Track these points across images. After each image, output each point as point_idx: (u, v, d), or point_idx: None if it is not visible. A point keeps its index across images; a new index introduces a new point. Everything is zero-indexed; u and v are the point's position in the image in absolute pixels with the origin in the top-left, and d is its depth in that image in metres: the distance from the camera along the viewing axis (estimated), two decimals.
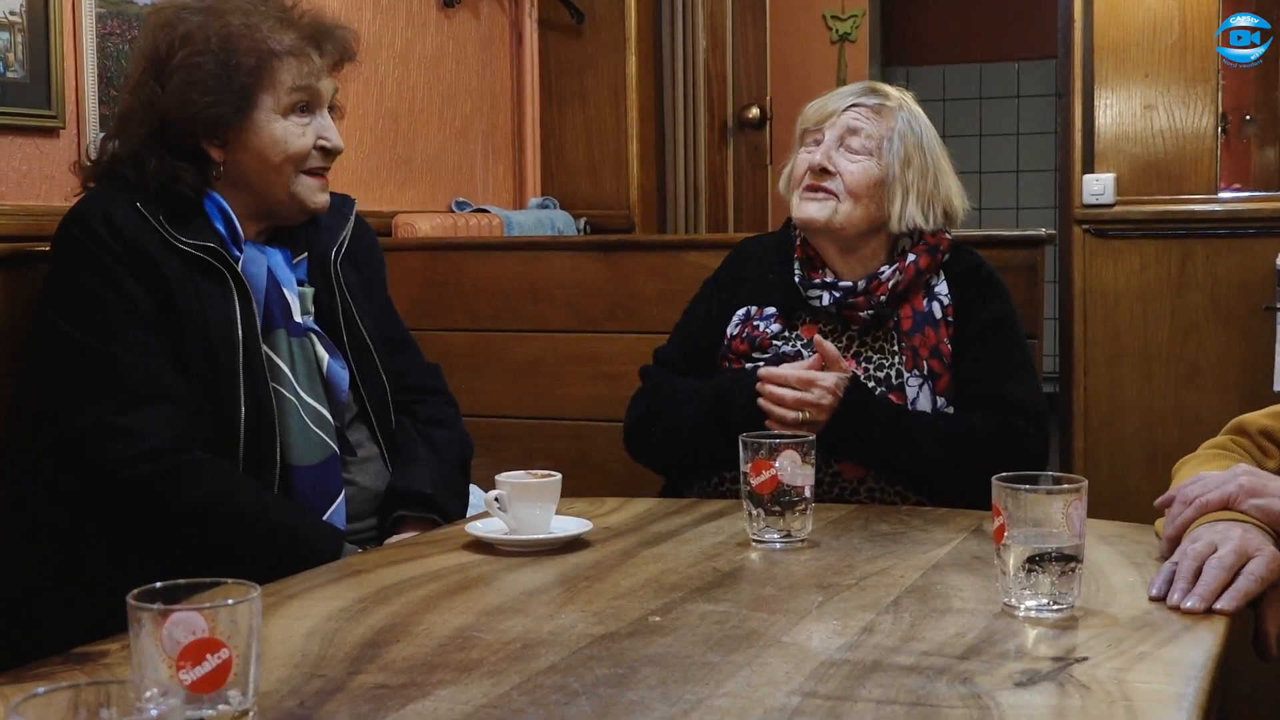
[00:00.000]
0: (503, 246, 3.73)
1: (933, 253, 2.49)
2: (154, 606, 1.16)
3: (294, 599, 1.69)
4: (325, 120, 2.28)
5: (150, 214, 2.15)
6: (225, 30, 2.18)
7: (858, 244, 2.50)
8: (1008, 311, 2.52)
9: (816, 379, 2.31)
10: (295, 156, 2.23)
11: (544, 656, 1.44)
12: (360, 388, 2.32)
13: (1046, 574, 1.56)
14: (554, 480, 2.00)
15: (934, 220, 2.50)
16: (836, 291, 2.47)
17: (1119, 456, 4.11)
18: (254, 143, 2.21)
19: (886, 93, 2.55)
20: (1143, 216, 4.13)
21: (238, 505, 2.08)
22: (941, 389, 2.42)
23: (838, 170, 2.47)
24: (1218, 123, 4.12)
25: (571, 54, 4.54)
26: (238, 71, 2.18)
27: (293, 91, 2.22)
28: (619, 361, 2.76)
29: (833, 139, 2.50)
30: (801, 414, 2.29)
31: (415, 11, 3.96)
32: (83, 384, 2.08)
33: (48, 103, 2.68)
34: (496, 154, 4.40)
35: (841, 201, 2.46)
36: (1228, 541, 1.62)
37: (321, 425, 2.22)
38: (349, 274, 2.38)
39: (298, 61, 2.23)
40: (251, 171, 2.23)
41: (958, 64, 8.12)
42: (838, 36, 7.09)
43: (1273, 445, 1.94)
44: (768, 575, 1.83)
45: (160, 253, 2.13)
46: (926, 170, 2.50)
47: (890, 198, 2.47)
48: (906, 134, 2.50)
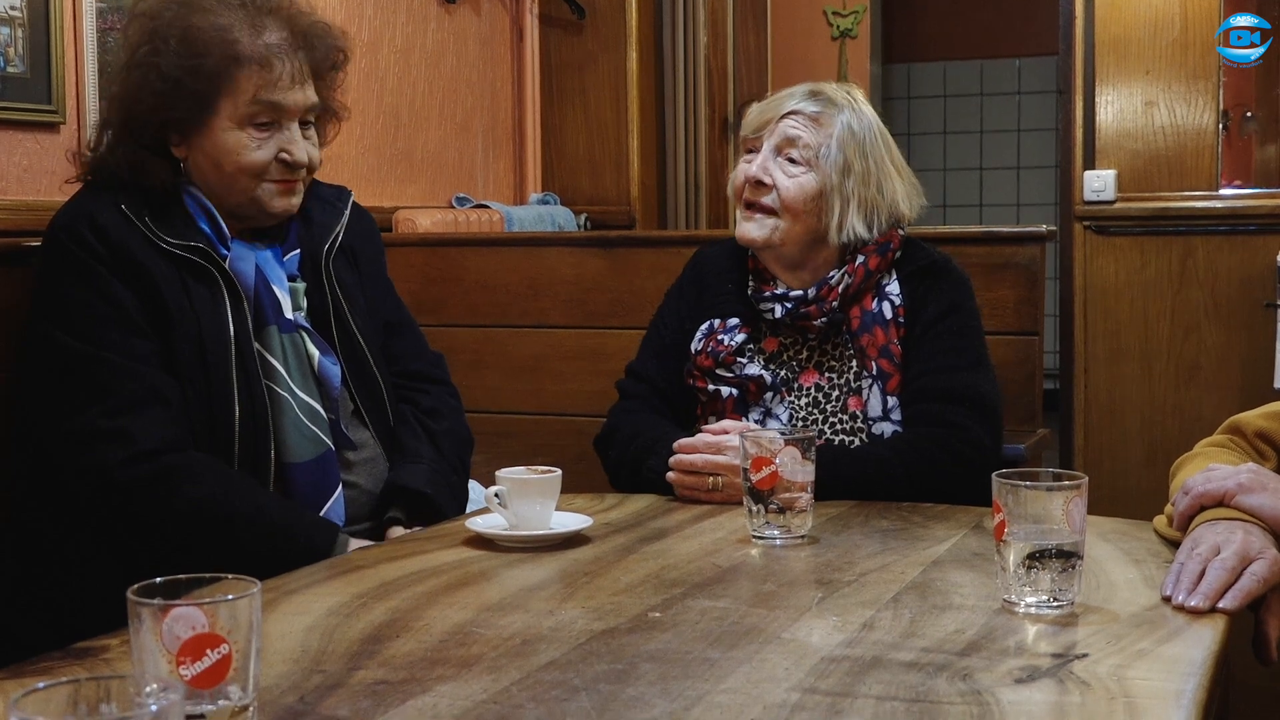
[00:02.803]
0: (503, 242, 3.73)
1: (882, 252, 2.44)
2: (154, 602, 1.16)
3: (294, 594, 1.69)
4: (290, 134, 2.20)
5: (135, 215, 2.12)
6: (190, 31, 2.13)
7: (804, 258, 2.46)
8: (959, 304, 2.45)
9: (725, 443, 2.23)
10: (249, 168, 2.17)
11: (544, 652, 1.44)
12: (351, 386, 2.31)
13: (1046, 571, 1.56)
14: (554, 476, 2.00)
15: (878, 228, 2.43)
16: (788, 303, 2.44)
17: (1119, 453, 4.12)
18: (209, 147, 2.17)
19: (828, 97, 2.46)
20: (1143, 213, 4.14)
21: (233, 503, 2.07)
22: (891, 389, 2.39)
23: (774, 183, 2.42)
24: (1219, 119, 4.12)
25: (572, 50, 4.54)
26: (195, 75, 2.12)
27: (252, 104, 2.15)
28: (620, 357, 2.75)
29: (769, 149, 2.44)
30: (715, 479, 2.23)
31: (416, 7, 3.96)
32: (74, 390, 2.07)
33: (48, 98, 2.68)
34: (497, 150, 4.40)
35: (780, 219, 2.41)
36: (1230, 544, 1.63)
37: (315, 421, 2.21)
38: (344, 268, 2.36)
39: (262, 71, 2.15)
40: (208, 174, 2.19)
41: (959, 60, 8.13)
42: (839, 33, 7.09)
43: (1269, 447, 1.95)
44: (768, 571, 1.83)
45: (147, 255, 2.11)
46: (869, 176, 2.43)
47: (829, 209, 2.41)
48: (847, 140, 2.42)
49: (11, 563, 2.16)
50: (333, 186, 2.41)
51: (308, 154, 2.22)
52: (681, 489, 2.27)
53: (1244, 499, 1.72)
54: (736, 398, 2.42)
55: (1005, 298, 3.04)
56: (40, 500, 2.14)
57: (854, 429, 2.40)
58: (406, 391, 2.43)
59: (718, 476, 2.23)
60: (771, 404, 2.42)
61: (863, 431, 2.39)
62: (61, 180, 2.65)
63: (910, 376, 2.39)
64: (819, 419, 2.41)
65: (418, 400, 2.43)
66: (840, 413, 2.41)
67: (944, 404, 2.35)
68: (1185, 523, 1.77)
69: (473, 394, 3.04)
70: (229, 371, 2.13)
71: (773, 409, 2.42)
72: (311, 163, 2.24)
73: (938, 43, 8.11)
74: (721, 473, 2.22)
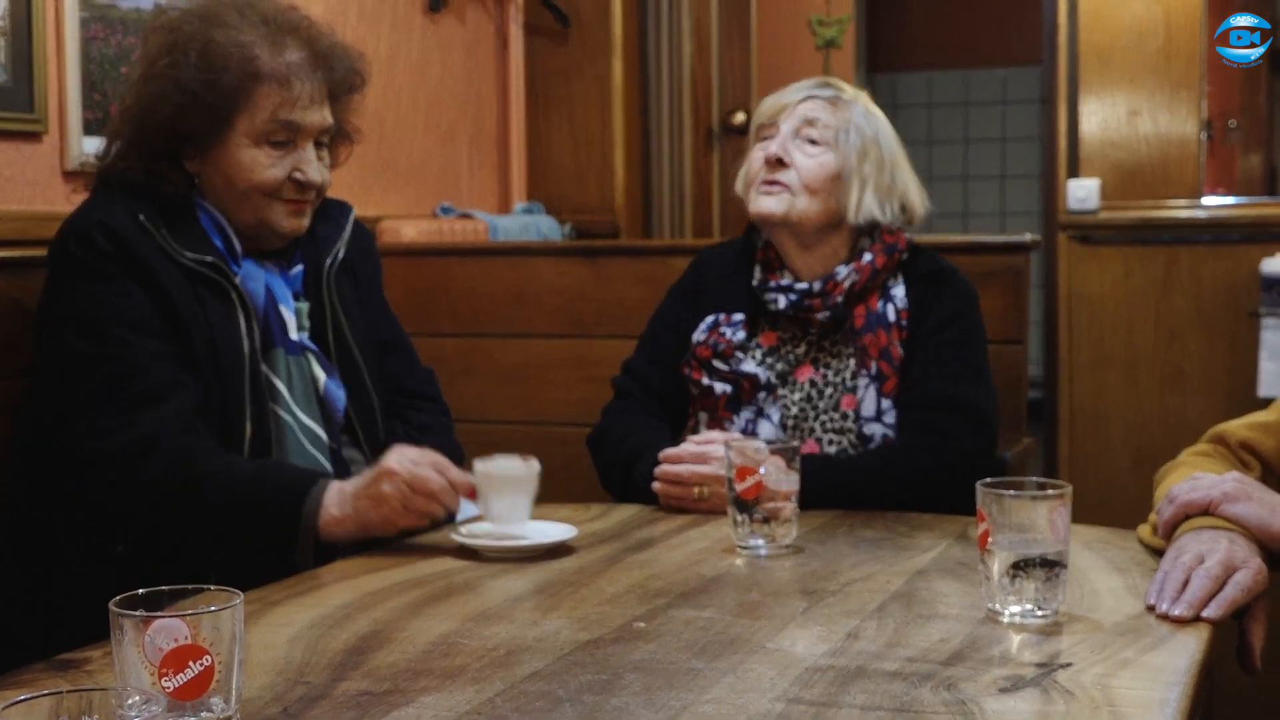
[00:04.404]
0: (488, 252, 3.73)
1: (889, 252, 2.46)
2: (136, 613, 1.16)
3: (277, 605, 1.69)
4: (305, 154, 2.18)
5: (151, 224, 2.09)
6: (210, 46, 2.11)
7: (816, 240, 2.48)
8: (964, 314, 2.47)
9: (710, 453, 2.23)
10: (262, 186, 2.15)
11: (528, 663, 1.44)
12: (347, 403, 2.29)
13: (1031, 580, 1.56)
14: (532, 469, 1.99)
15: (891, 213, 2.47)
16: (793, 294, 2.45)
17: (1104, 461, 4.13)
18: (223, 164, 2.15)
19: (841, 86, 2.53)
20: (1127, 222, 4.15)
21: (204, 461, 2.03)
22: (888, 391, 2.40)
23: (793, 163, 2.45)
24: (1202, 128, 4.13)
25: (557, 59, 4.54)
26: (213, 90, 2.10)
27: (270, 122, 2.13)
28: (605, 366, 2.76)
29: (789, 130, 2.47)
30: (700, 489, 2.24)
31: (400, 16, 3.96)
32: (90, 389, 2.03)
33: (30, 107, 2.67)
34: (482, 159, 4.40)
35: (797, 196, 2.44)
36: (1214, 553, 1.63)
37: (317, 446, 2.18)
38: (345, 284, 2.34)
39: (281, 90, 2.13)
40: (221, 190, 2.17)
41: (943, 70, 8.14)
42: (823, 42, 7.10)
43: (1253, 457, 1.95)
44: (752, 581, 1.83)
45: (160, 263, 2.08)
46: (883, 164, 2.47)
47: (846, 189, 2.44)
48: (863, 127, 2.47)
49: (8, 568, 2.14)
50: (335, 201, 2.39)
51: (320, 175, 2.21)
52: (667, 498, 2.27)
53: (1229, 508, 1.72)
54: (730, 395, 2.43)
55: (990, 307, 3.03)
56: (39, 508, 2.12)
57: (844, 428, 2.40)
58: (400, 409, 2.42)
59: (703, 486, 2.23)
60: (764, 404, 2.42)
61: (852, 432, 2.40)
62: (44, 190, 2.65)
63: (909, 382, 2.40)
64: (810, 416, 2.41)
65: (410, 418, 2.42)
66: (832, 410, 2.41)
67: (940, 412, 2.36)
68: (1170, 531, 1.77)
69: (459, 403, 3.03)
70: (242, 391, 2.10)
71: (765, 409, 2.42)
72: (323, 184, 2.23)
73: (922, 52, 8.12)
74: (707, 482, 2.23)
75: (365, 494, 2.00)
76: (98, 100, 2.77)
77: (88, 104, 2.76)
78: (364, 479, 2.02)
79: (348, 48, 2.28)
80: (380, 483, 1.98)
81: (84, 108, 2.76)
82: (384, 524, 2.00)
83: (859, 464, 2.33)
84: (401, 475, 1.97)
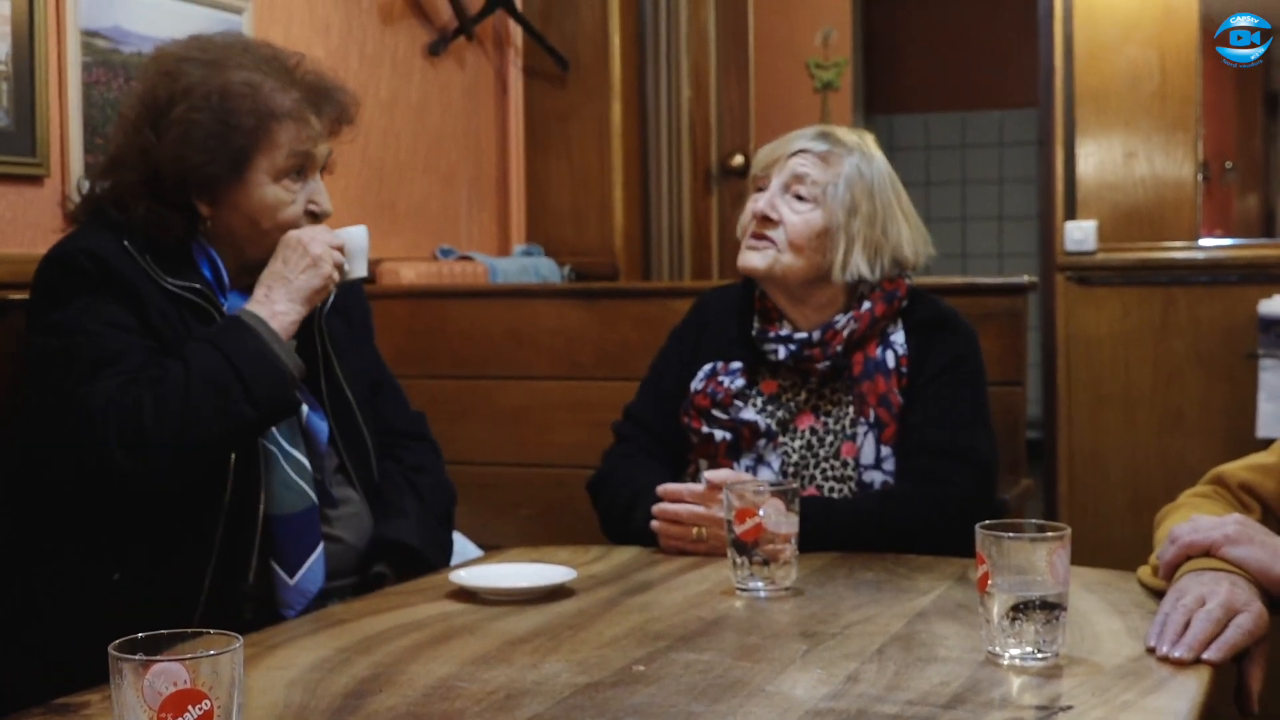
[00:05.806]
0: (487, 294, 3.73)
1: (889, 299, 2.46)
2: (135, 657, 1.15)
3: (276, 649, 1.68)
4: (316, 184, 2.25)
5: (136, 252, 2.11)
6: (226, 88, 2.14)
7: (806, 293, 2.47)
8: (964, 358, 2.46)
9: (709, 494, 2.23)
10: (285, 223, 2.20)
11: (528, 706, 1.43)
12: (339, 442, 2.30)
13: (1031, 622, 1.56)
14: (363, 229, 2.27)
15: (881, 270, 2.45)
16: (792, 344, 2.44)
17: (1103, 503, 4.12)
18: (244, 204, 2.18)
19: (838, 138, 2.50)
20: (1124, 264, 4.16)
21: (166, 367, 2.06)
22: (886, 438, 2.39)
23: (780, 219, 2.44)
24: (1198, 170, 4.15)
25: (556, 102, 4.56)
26: (236, 132, 2.14)
27: (289, 156, 2.18)
28: (604, 408, 2.76)
29: (778, 185, 2.46)
30: (699, 530, 2.23)
31: (400, 60, 3.98)
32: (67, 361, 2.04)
33: (32, 151, 2.68)
34: (481, 201, 4.41)
35: (782, 252, 2.43)
36: (1215, 595, 1.63)
37: (301, 474, 2.19)
38: (336, 323, 2.36)
39: (296, 125, 2.19)
40: (238, 231, 2.19)
41: (941, 112, 8.17)
42: (821, 85, 7.13)
43: (1253, 499, 1.95)
44: (752, 624, 1.82)
45: (146, 288, 2.10)
46: (875, 217, 2.45)
47: (834, 246, 2.43)
48: (855, 180, 2.44)
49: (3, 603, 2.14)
50: None
51: (330, 205, 2.28)
52: (666, 539, 2.27)
53: (1231, 550, 1.72)
54: (730, 443, 2.42)
55: (988, 348, 3.03)
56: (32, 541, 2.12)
57: (844, 476, 2.40)
58: (390, 449, 2.43)
59: (701, 527, 2.23)
60: (764, 451, 2.42)
61: (853, 480, 2.39)
62: (46, 233, 2.65)
63: (908, 428, 2.39)
64: (811, 463, 2.41)
65: (401, 457, 2.43)
66: (833, 458, 2.41)
67: (939, 459, 2.35)
68: (1170, 572, 1.77)
69: (456, 445, 3.04)
70: None
71: (765, 456, 2.42)
72: (330, 214, 2.28)
73: (919, 94, 8.15)
74: (705, 524, 2.22)
75: (279, 273, 2.15)
76: (99, 144, 2.78)
77: (89, 148, 2.78)
78: (269, 268, 2.17)
79: (341, 84, 2.32)
80: (281, 256, 2.17)
81: (85, 151, 2.77)
82: (311, 282, 2.16)
83: (857, 508, 2.32)
84: (295, 235, 2.17)
